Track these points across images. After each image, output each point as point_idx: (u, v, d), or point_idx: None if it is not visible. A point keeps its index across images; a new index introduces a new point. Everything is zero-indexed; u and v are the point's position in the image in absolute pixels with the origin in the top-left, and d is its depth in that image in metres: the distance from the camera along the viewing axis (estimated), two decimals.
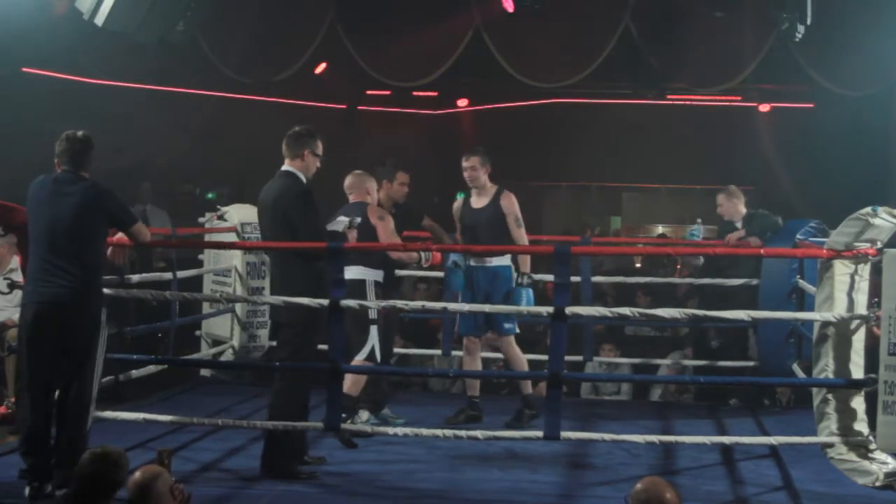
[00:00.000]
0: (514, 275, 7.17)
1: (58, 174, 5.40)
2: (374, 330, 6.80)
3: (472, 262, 7.22)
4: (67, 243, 5.26)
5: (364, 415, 6.98)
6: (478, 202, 7.34)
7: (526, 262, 7.16)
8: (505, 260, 7.21)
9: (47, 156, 5.53)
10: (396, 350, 8.83)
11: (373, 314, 6.78)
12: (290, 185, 5.88)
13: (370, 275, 6.84)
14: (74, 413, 5.26)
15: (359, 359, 6.84)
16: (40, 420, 5.26)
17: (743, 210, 8.51)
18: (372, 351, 6.82)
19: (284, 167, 5.96)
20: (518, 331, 7.37)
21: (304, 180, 5.91)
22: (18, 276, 6.65)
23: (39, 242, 5.34)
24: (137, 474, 3.77)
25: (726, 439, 6.52)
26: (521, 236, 7.21)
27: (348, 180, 7.01)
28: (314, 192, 5.96)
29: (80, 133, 5.43)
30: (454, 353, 8.50)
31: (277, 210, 5.86)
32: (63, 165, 5.39)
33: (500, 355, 8.90)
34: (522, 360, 7.33)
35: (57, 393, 5.30)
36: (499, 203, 7.25)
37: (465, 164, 7.33)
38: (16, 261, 7.27)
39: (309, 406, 6.04)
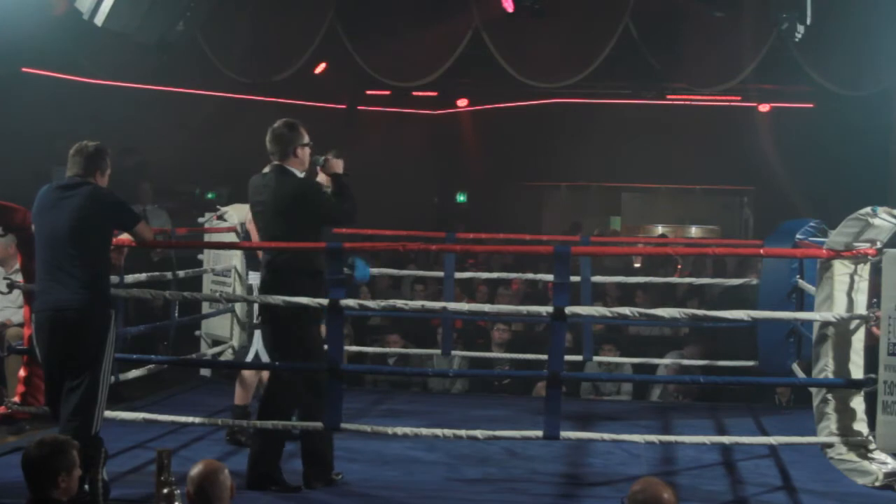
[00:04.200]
0: None
1: (62, 181, 5.41)
2: (256, 335, 6.64)
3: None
4: (71, 248, 5.26)
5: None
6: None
7: None
8: None
9: (47, 156, 5.54)
10: (396, 350, 8.85)
11: (256, 319, 6.59)
12: (288, 181, 5.74)
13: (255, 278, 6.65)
14: (82, 414, 5.25)
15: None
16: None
17: None
18: (256, 356, 6.63)
19: (276, 163, 5.79)
20: None
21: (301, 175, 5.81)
22: (19, 277, 6.65)
23: (44, 248, 5.34)
24: (200, 467, 3.76)
25: (726, 439, 6.52)
26: None
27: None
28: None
29: (91, 142, 5.44)
30: (454, 352, 8.50)
31: (280, 206, 5.72)
32: (69, 172, 5.41)
33: (505, 355, 8.93)
34: None
35: (65, 393, 5.30)
36: None
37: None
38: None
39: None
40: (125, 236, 5.70)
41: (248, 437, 6.46)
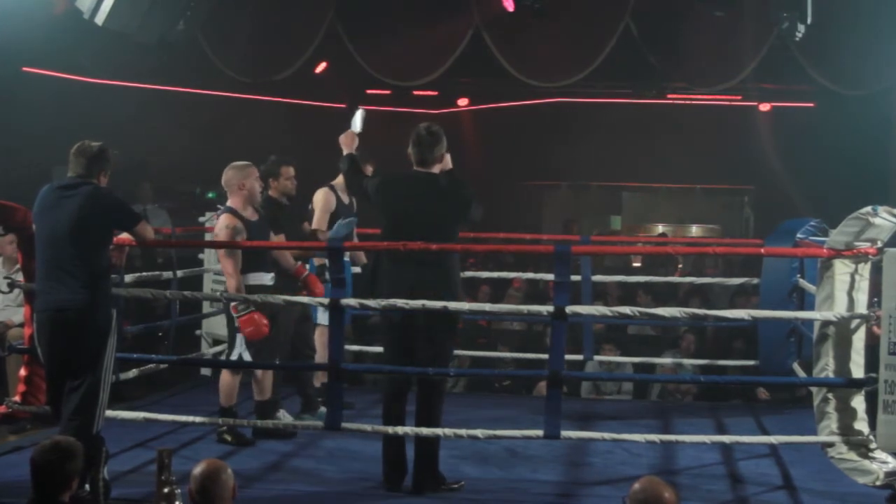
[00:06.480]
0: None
1: (63, 180, 5.41)
2: (239, 337, 6.51)
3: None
4: (72, 247, 5.25)
5: (282, 413, 6.98)
6: (347, 199, 7.47)
7: None
8: None
9: (46, 155, 5.53)
10: None
11: (237, 322, 6.46)
12: (454, 183, 5.97)
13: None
14: (84, 413, 5.25)
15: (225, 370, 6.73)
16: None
17: None
18: (239, 358, 6.52)
19: (424, 170, 5.97)
20: None
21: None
22: (19, 276, 6.65)
23: (45, 248, 5.34)
24: (203, 466, 3.76)
25: (726, 439, 6.52)
26: None
27: (223, 175, 6.72)
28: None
29: (94, 143, 5.43)
30: (454, 352, 8.50)
31: (445, 207, 5.91)
32: (71, 172, 5.40)
33: (507, 354, 8.93)
34: None
35: (67, 393, 5.30)
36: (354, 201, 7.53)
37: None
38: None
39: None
40: (126, 236, 5.70)
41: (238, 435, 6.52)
